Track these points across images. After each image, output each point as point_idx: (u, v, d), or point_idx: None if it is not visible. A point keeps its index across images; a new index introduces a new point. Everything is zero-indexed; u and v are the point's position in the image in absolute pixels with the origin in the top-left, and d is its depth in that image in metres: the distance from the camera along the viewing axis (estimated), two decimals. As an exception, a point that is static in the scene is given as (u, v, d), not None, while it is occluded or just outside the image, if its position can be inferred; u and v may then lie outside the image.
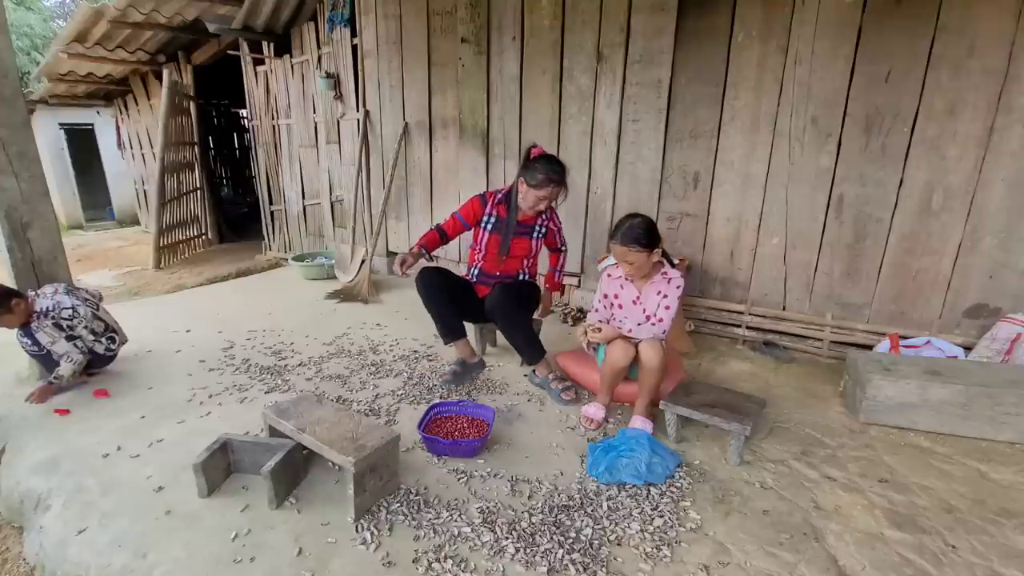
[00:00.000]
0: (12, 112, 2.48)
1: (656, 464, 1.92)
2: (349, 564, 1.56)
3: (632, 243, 2.18)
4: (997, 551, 1.62)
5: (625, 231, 2.19)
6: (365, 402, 2.51)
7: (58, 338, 2.44)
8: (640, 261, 2.21)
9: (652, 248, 2.19)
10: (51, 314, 2.45)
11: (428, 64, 4.14)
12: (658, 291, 2.29)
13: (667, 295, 2.27)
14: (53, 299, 2.49)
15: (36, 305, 2.46)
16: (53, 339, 2.44)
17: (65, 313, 2.48)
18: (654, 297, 2.30)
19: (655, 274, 2.30)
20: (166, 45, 6.14)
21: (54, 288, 2.56)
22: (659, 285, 2.29)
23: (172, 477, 1.93)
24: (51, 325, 2.44)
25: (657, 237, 2.21)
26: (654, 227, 2.22)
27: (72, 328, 2.50)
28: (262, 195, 5.97)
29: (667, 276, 2.29)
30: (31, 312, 2.45)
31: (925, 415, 2.23)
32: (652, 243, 2.19)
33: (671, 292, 2.26)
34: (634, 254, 2.19)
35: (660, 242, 2.23)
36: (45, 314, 2.44)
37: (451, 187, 4.30)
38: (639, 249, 2.17)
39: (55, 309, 2.46)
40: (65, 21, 15.00)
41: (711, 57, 3.04)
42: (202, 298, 4.29)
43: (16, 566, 1.79)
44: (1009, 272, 2.60)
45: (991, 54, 2.44)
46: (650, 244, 2.18)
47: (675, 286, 2.27)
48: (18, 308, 2.39)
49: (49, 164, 7.75)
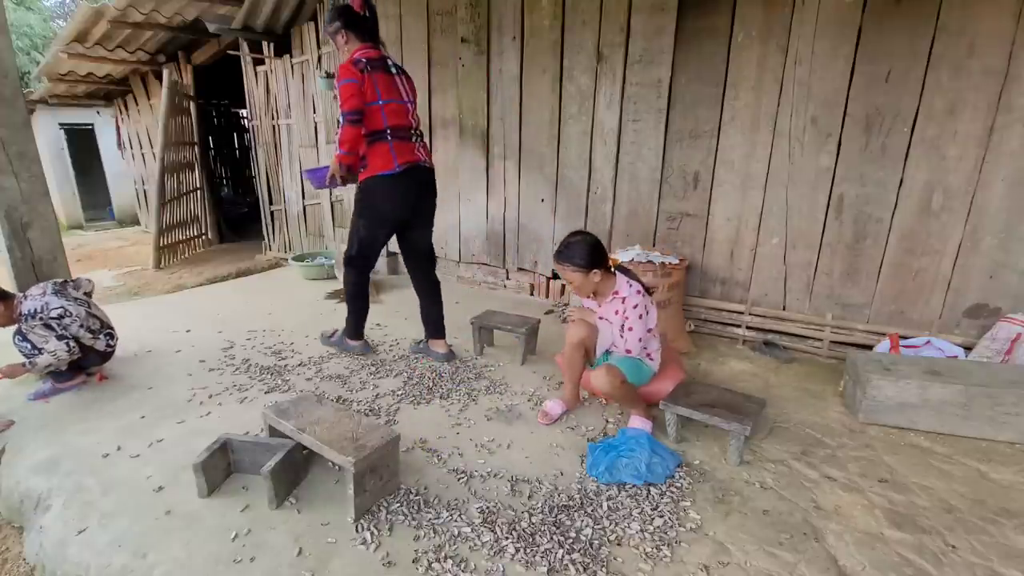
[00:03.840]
0: (12, 112, 2.49)
1: (656, 464, 1.92)
2: (349, 564, 1.56)
3: (566, 262, 2.14)
4: (997, 551, 1.62)
5: (561, 249, 2.16)
6: (365, 402, 2.51)
7: (49, 337, 2.39)
8: (577, 281, 2.15)
9: (590, 268, 2.11)
10: (39, 315, 2.41)
11: (428, 64, 4.14)
12: (615, 310, 2.20)
13: (627, 315, 2.16)
14: (41, 301, 2.45)
15: (23, 307, 2.41)
16: (45, 339, 2.39)
17: (54, 313, 2.44)
18: (613, 316, 2.21)
19: (608, 293, 2.22)
20: (166, 45, 6.14)
21: (42, 289, 2.51)
22: (616, 304, 2.20)
23: (172, 477, 1.93)
24: (41, 326, 2.39)
25: (599, 258, 2.14)
26: (596, 248, 2.14)
27: (65, 328, 2.45)
28: (262, 195, 5.97)
29: (619, 295, 2.18)
30: (14, 315, 2.40)
31: (925, 415, 2.23)
32: (591, 263, 2.11)
33: (629, 312, 2.15)
34: (569, 273, 2.15)
35: (604, 263, 2.16)
36: (32, 315, 2.40)
37: (451, 187, 4.30)
38: (573, 268, 2.13)
39: (43, 311, 2.42)
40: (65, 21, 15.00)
41: (711, 57, 3.04)
42: (202, 298, 4.29)
43: (16, 566, 1.79)
44: (1009, 272, 2.60)
45: (991, 54, 2.44)
46: (587, 264, 2.11)
47: (631, 305, 2.14)
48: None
49: (49, 164, 7.74)
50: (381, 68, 2.52)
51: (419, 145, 2.69)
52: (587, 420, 2.36)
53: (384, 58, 2.58)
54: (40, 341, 2.39)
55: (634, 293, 2.16)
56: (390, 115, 2.52)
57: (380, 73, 2.50)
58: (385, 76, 2.52)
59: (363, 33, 2.55)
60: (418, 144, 2.68)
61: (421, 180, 2.70)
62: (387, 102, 2.51)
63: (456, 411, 2.43)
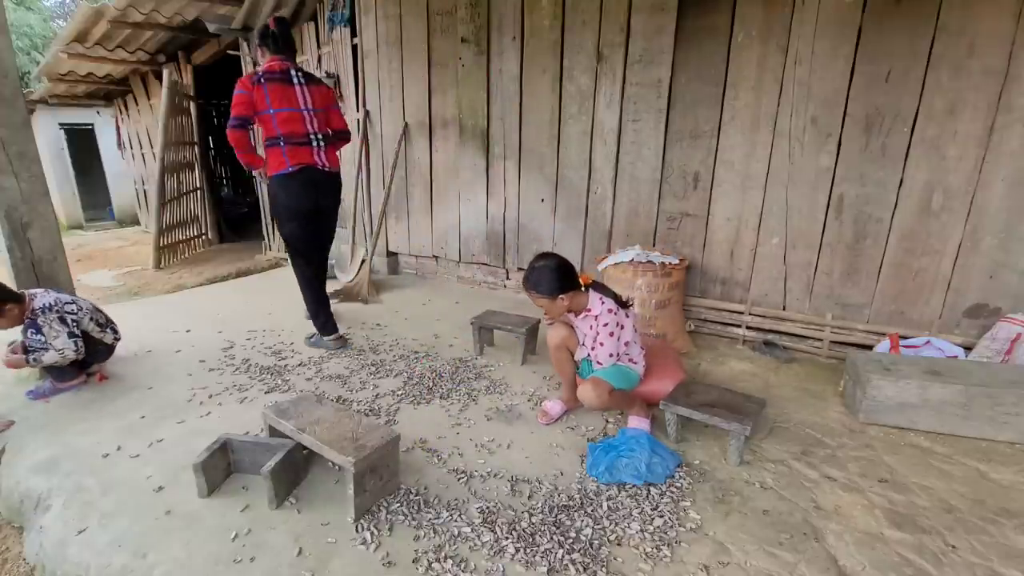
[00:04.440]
0: (12, 112, 2.49)
1: (656, 464, 1.92)
2: (349, 564, 1.56)
3: (531, 289, 2.11)
4: (997, 551, 1.62)
5: (527, 275, 2.13)
6: (365, 402, 2.51)
7: (61, 332, 2.40)
8: (545, 306, 2.13)
9: (555, 295, 2.08)
10: (55, 308, 2.42)
11: (428, 64, 4.14)
12: (590, 326, 2.17)
13: (598, 331, 2.13)
14: (53, 295, 2.47)
15: (36, 302, 2.41)
16: (57, 333, 2.39)
17: (69, 307, 2.47)
18: (588, 332, 2.19)
19: (581, 311, 2.18)
20: (166, 45, 6.14)
21: (44, 289, 2.52)
22: (589, 321, 2.16)
23: (172, 477, 1.93)
24: (56, 319, 2.40)
25: (566, 282, 2.09)
26: (560, 271, 2.08)
27: (77, 323, 2.48)
28: (262, 195, 5.96)
29: (592, 313, 2.14)
30: (24, 315, 2.40)
31: (925, 415, 2.23)
32: (557, 288, 2.07)
33: (600, 329, 2.12)
34: (535, 299, 2.13)
35: (572, 285, 2.11)
36: (49, 308, 2.41)
37: (451, 187, 4.30)
38: (538, 295, 2.10)
39: (58, 304, 2.44)
40: (65, 21, 15.01)
41: (711, 57, 3.04)
42: (202, 298, 4.29)
43: (16, 566, 1.79)
44: (1009, 272, 2.60)
45: (991, 54, 2.44)
46: (552, 291, 2.07)
47: (601, 324, 2.11)
48: (11, 313, 2.36)
49: (49, 164, 7.75)
50: (278, 79, 2.75)
51: (318, 149, 2.90)
52: (587, 420, 2.36)
53: (288, 69, 2.79)
54: (52, 335, 2.39)
55: (605, 311, 2.11)
56: (281, 123, 2.76)
57: (276, 84, 2.73)
58: (281, 87, 2.75)
59: (274, 47, 2.80)
60: (318, 148, 2.90)
61: (316, 180, 2.91)
62: (279, 111, 2.74)
63: (456, 411, 2.43)
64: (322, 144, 2.91)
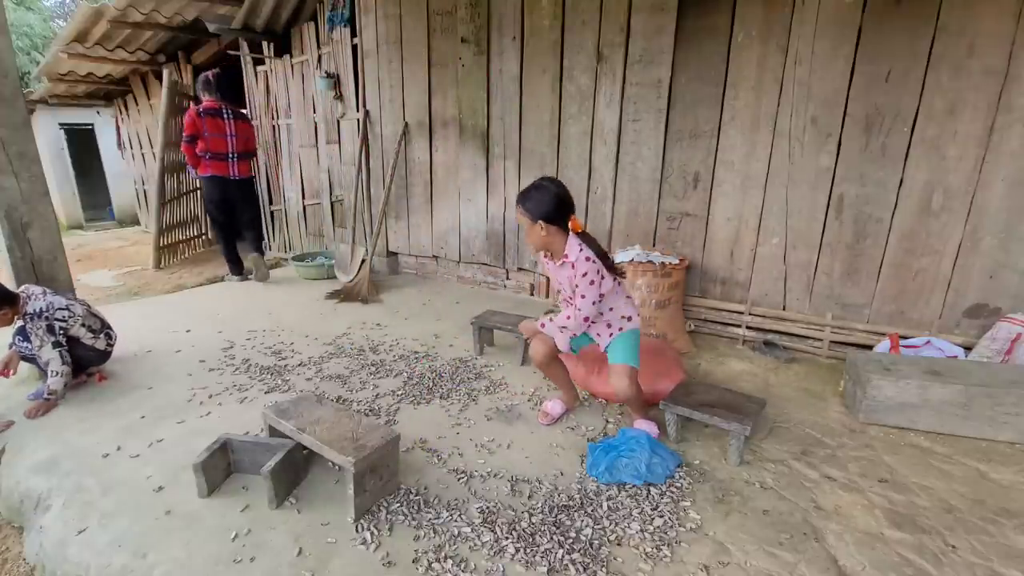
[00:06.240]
0: (12, 112, 2.49)
1: (656, 464, 1.92)
2: (349, 564, 1.56)
3: (520, 203, 2.04)
4: (997, 551, 1.62)
5: (526, 188, 2.05)
6: (365, 402, 2.51)
7: (46, 342, 2.37)
8: (524, 225, 2.05)
9: (537, 219, 1.98)
10: (44, 315, 2.39)
11: (428, 64, 4.14)
12: (568, 276, 2.06)
13: (577, 283, 2.01)
14: (46, 300, 2.44)
15: (28, 307, 2.39)
16: (42, 343, 2.37)
17: (60, 314, 2.44)
18: (567, 283, 2.10)
19: (560, 255, 2.07)
20: (166, 45, 6.14)
21: (43, 289, 2.50)
22: (567, 270, 2.05)
23: (172, 477, 1.93)
24: (44, 328, 2.38)
25: (555, 212, 1.98)
26: (554, 200, 1.98)
27: (65, 331, 2.45)
28: (262, 195, 5.97)
29: (568, 260, 2.03)
30: (16, 316, 2.39)
31: (925, 415, 2.23)
32: (541, 215, 1.97)
33: (579, 280, 1.99)
34: (519, 214, 2.05)
35: (558, 219, 2.00)
36: (39, 315, 2.38)
37: (451, 187, 4.30)
38: (522, 212, 2.02)
39: (48, 310, 2.41)
40: (65, 21, 15.00)
41: (711, 57, 3.04)
42: (202, 298, 4.29)
43: (16, 566, 1.79)
44: (1009, 272, 2.60)
45: (991, 54, 2.44)
46: (536, 214, 1.98)
47: (580, 272, 1.98)
48: (4, 317, 2.36)
49: (49, 164, 7.75)
50: (212, 114, 4.26)
51: (234, 163, 4.41)
52: (587, 420, 2.36)
53: (221, 108, 4.30)
54: (36, 344, 2.37)
55: (583, 259, 1.99)
56: (210, 143, 4.29)
57: (210, 117, 4.25)
58: (213, 120, 4.26)
59: (212, 92, 4.31)
60: (233, 162, 4.41)
61: (227, 183, 4.44)
62: (211, 135, 4.28)
63: (456, 411, 2.43)
64: (235, 160, 4.40)
